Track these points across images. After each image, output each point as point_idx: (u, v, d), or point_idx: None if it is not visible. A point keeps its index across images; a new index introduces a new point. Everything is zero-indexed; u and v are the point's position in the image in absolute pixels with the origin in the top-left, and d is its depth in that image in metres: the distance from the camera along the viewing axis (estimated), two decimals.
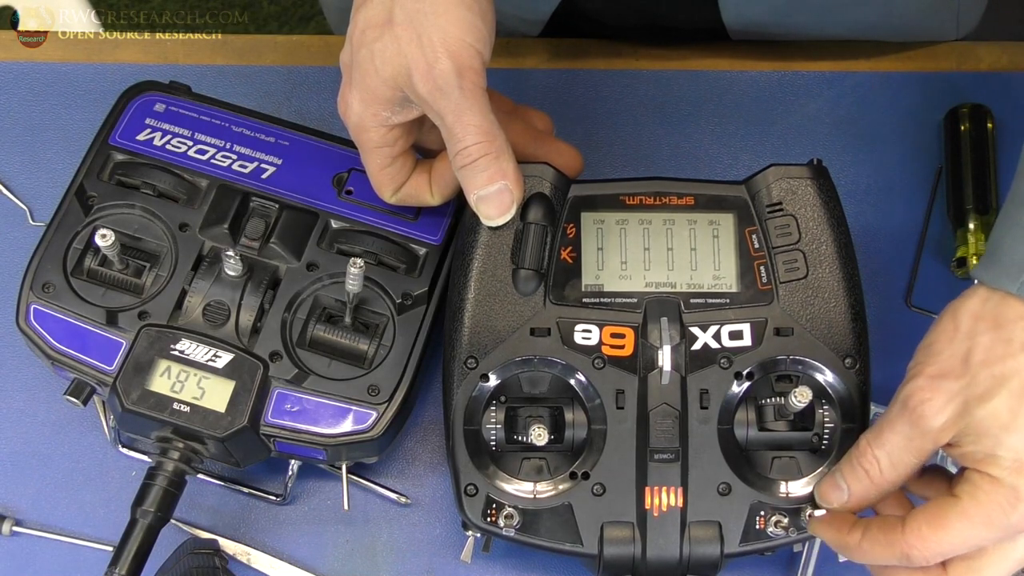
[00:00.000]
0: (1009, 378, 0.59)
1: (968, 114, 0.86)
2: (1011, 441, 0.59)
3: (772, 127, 0.89)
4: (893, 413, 0.63)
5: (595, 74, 0.91)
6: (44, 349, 0.73)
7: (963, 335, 0.61)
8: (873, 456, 0.63)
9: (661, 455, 0.69)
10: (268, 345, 0.73)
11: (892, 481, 0.63)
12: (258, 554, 0.77)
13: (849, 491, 0.65)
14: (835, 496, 0.66)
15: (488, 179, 0.68)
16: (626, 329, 0.71)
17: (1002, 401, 0.59)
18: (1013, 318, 0.60)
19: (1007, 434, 0.59)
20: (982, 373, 0.60)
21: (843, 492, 0.65)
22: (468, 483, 0.69)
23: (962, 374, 0.60)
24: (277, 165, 0.78)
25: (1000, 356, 0.59)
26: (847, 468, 0.65)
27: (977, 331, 0.60)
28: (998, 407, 0.59)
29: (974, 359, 0.60)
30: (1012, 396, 0.59)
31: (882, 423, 0.63)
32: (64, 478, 0.79)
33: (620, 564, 0.69)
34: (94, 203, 0.76)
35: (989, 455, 0.59)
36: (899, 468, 0.63)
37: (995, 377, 0.59)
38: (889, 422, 0.63)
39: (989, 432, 0.59)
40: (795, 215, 0.72)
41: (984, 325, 0.60)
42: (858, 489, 0.65)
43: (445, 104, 0.66)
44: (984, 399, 0.59)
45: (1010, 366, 0.59)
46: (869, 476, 0.64)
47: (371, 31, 0.67)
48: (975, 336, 0.60)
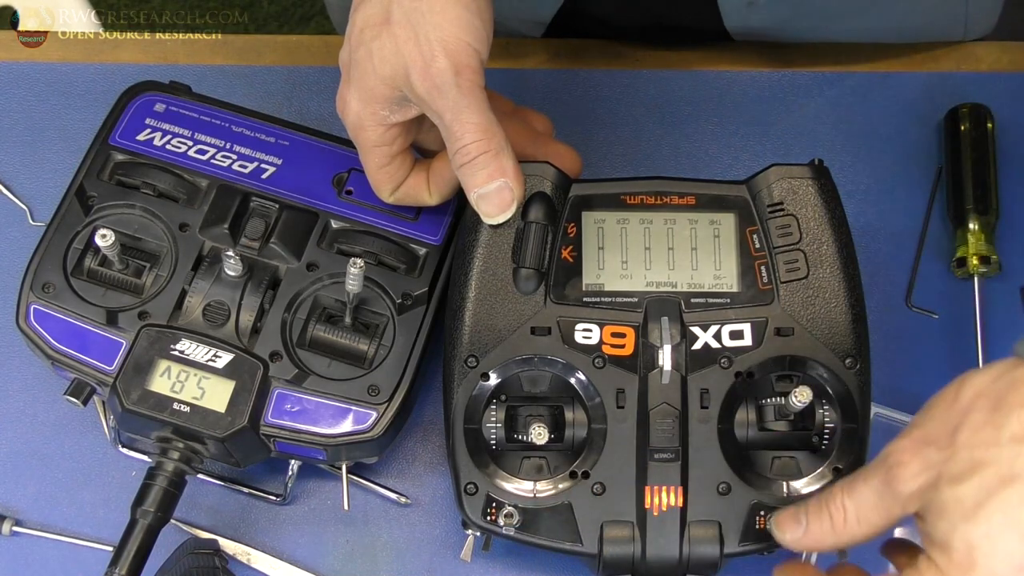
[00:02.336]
0: (987, 466, 0.55)
1: (968, 114, 0.86)
2: (967, 532, 0.55)
3: (772, 127, 0.89)
4: (871, 467, 0.60)
5: (595, 74, 0.91)
6: (44, 349, 0.73)
7: (960, 408, 0.58)
8: (842, 503, 0.61)
9: (661, 454, 0.69)
10: (268, 345, 0.73)
11: (853, 535, 0.61)
12: (258, 554, 0.77)
13: (807, 529, 0.62)
14: (791, 529, 0.63)
15: (488, 177, 0.68)
16: (627, 328, 0.71)
17: (971, 488, 0.55)
18: (1014, 404, 0.56)
19: (965, 524, 0.55)
20: (963, 453, 0.56)
21: (800, 528, 0.63)
22: (468, 482, 0.69)
23: (945, 447, 0.57)
24: (277, 165, 0.78)
25: (985, 441, 0.56)
26: (813, 506, 0.62)
27: (974, 408, 0.57)
28: (966, 493, 0.56)
29: (960, 436, 0.57)
30: (983, 486, 0.55)
31: (859, 474, 0.61)
32: (64, 478, 0.79)
33: (620, 563, 0.68)
34: (94, 203, 0.76)
35: (943, 542, 0.56)
36: (864, 524, 0.60)
37: (974, 461, 0.56)
38: (865, 475, 0.60)
39: (949, 516, 0.56)
40: (796, 215, 0.72)
41: (983, 403, 0.57)
42: (816, 530, 0.62)
43: (443, 103, 0.66)
44: (956, 481, 0.56)
45: (992, 454, 0.56)
46: (832, 521, 0.61)
47: (369, 30, 0.67)
48: (970, 412, 0.57)
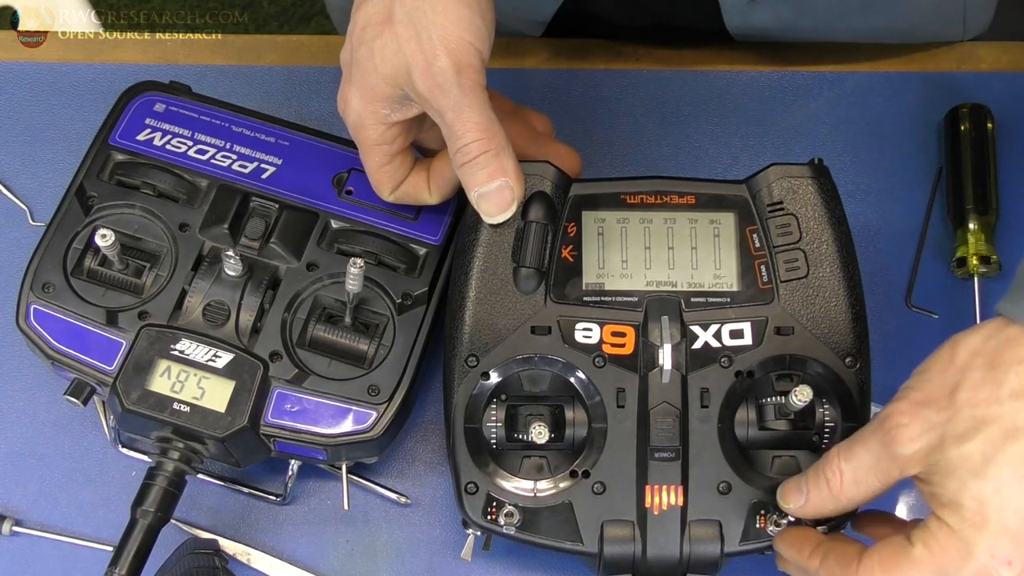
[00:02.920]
0: (990, 423, 0.57)
1: (968, 114, 0.86)
2: (977, 489, 0.57)
3: (772, 127, 0.89)
4: (868, 430, 0.61)
5: (595, 74, 0.91)
6: (44, 349, 0.73)
7: (957, 368, 0.59)
8: (838, 467, 0.62)
9: (661, 454, 0.69)
10: (268, 345, 0.73)
11: (851, 498, 0.62)
12: (258, 554, 0.77)
13: (807, 497, 0.64)
14: (794, 498, 0.65)
15: (488, 176, 0.68)
16: (627, 328, 0.71)
17: (977, 445, 0.57)
18: (1011, 360, 0.57)
19: (975, 481, 0.57)
20: (964, 412, 0.57)
21: (801, 496, 0.64)
22: (468, 481, 0.69)
23: (945, 408, 0.58)
24: (277, 165, 0.78)
25: (986, 399, 0.57)
26: (812, 473, 0.64)
27: (971, 367, 0.58)
28: (972, 451, 0.57)
29: (960, 395, 0.58)
30: (989, 442, 0.56)
31: (856, 438, 0.62)
32: (64, 478, 0.79)
33: (620, 563, 0.68)
34: (94, 203, 0.76)
35: (953, 501, 0.57)
36: (861, 487, 0.61)
37: (976, 419, 0.57)
38: (862, 438, 0.61)
39: (957, 475, 0.57)
40: (796, 214, 0.72)
41: (979, 362, 0.58)
42: (816, 497, 0.63)
43: (444, 102, 0.66)
44: (961, 440, 0.57)
45: (994, 411, 0.57)
46: (830, 487, 0.62)
47: (371, 29, 0.67)
48: (967, 371, 0.58)
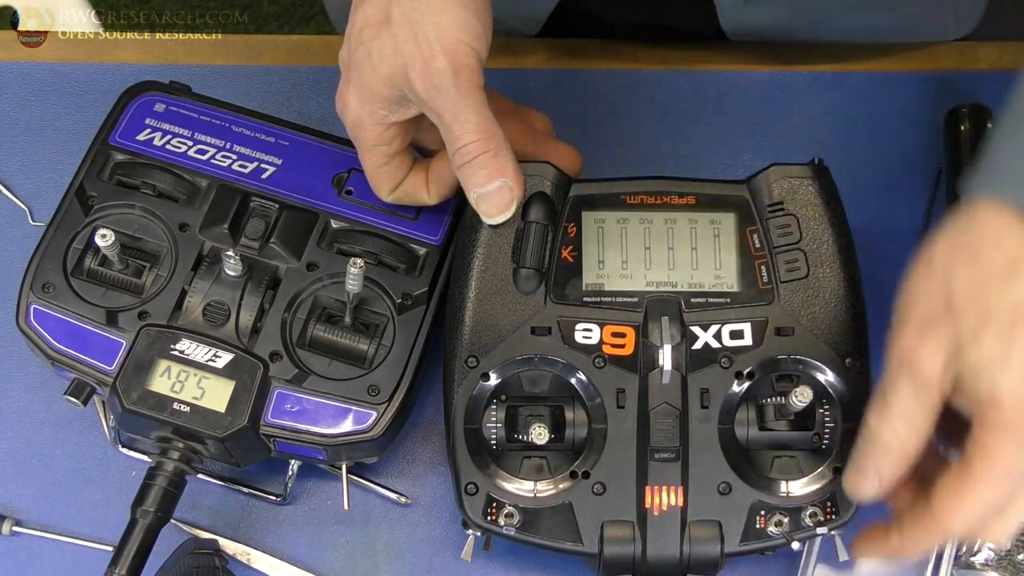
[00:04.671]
0: (995, 313, 0.57)
1: (968, 114, 0.86)
2: (1007, 380, 0.56)
3: (772, 127, 0.89)
4: (891, 378, 0.60)
5: (595, 74, 0.90)
6: (44, 349, 0.73)
7: (939, 272, 0.59)
8: (889, 428, 0.61)
9: (661, 454, 0.69)
10: (268, 345, 0.73)
11: (915, 446, 0.61)
12: (258, 554, 0.77)
13: (879, 474, 0.62)
14: (867, 484, 0.63)
15: (487, 177, 0.68)
16: (627, 328, 0.71)
17: (992, 338, 0.57)
18: (987, 243, 0.57)
19: (1003, 373, 0.56)
20: (967, 311, 0.57)
21: (873, 477, 0.62)
22: (468, 482, 0.69)
23: (947, 315, 0.58)
24: (277, 165, 0.78)
25: (981, 290, 0.57)
26: (869, 453, 0.62)
27: (952, 267, 0.58)
28: (990, 345, 0.57)
29: (956, 298, 0.58)
30: (1002, 331, 0.56)
31: (883, 393, 0.61)
32: (64, 478, 0.79)
33: (620, 563, 0.68)
34: (94, 203, 0.76)
35: (990, 399, 0.57)
36: (916, 429, 0.60)
37: (980, 314, 0.57)
38: (891, 388, 0.60)
39: (985, 373, 0.57)
40: (796, 215, 0.72)
41: (959, 259, 0.58)
42: (887, 468, 0.62)
43: (442, 102, 0.66)
44: (975, 339, 0.57)
45: (992, 299, 0.57)
46: (892, 451, 0.61)
47: (369, 30, 0.67)
48: (951, 273, 0.58)
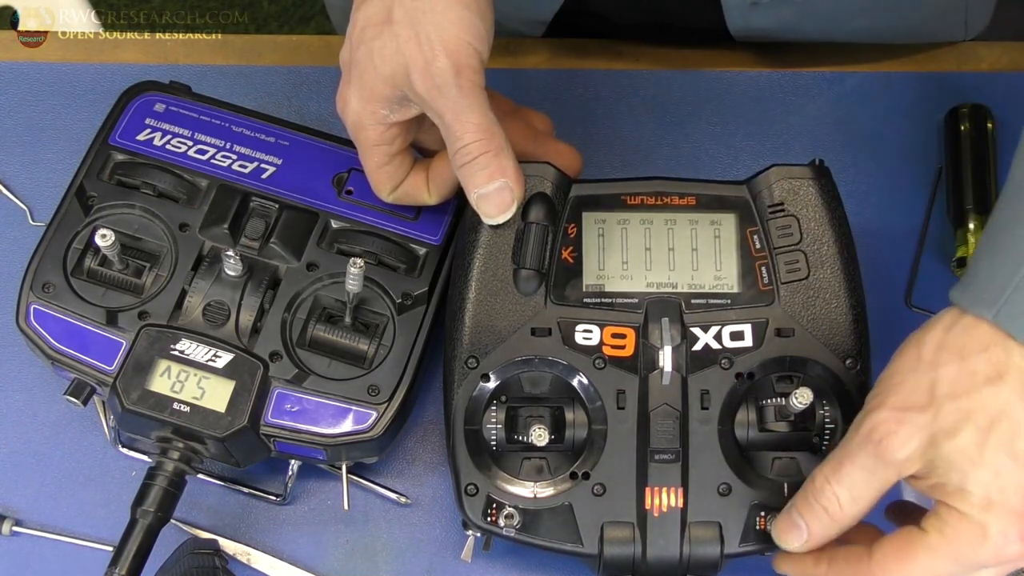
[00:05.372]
0: (975, 413, 0.58)
1: (968, 114, 0.86)
2: (979, 477, 0.58)
3: (772, 127, 0.89)
4: (853, 446, 0.61)
5: (595, 74, 0.90)
6: (44, 349, 0.73)
7: (927, 365, 0.60)
8: (833, 493, 0.62)
9: (661, 455, 0.69)
10: (268, 345, 0.73)
11: (853, 516, 0.62)
12: (258, 554, 0.77)
13: (808, 531, 0.63)
14: (794, 536, 0.64)
15: (488, 177, 0.68)
16: (627, 329, 0.71)
17: (969, 436, 0.58)
18: (977, 349, 0.58)
19: (975, 469, 0.58)
20: (948, 406, 0.58)
21: (802, 532, 0.63)
22: (468, 483, 0.69)
23: (927, 406, 0.59)
24: (277, 165, 0.78)
25: (965, 389, 0.58)
26: (804, 506, 0.63)
27: (941, 362, 0.59)
28: (965, 442, 0.58)
29: (939, 391, 0.59)
30: (978, 431, 0.58)
31: (840, 457, 0.62)
32: (64, 478, 0.79)
33: (620, 564, 0.68)
34: (94, 203, 0.76)
35: (959, 488, 0.58)
36: (860, 503, 0.61)
37: (961, 411, 0.58)
38: (849, 456, 0.61)
39: (957, 467, 0.58)
40: (797, 215, 0.72)
41: (948, 356, 0.59)
42: (818, 528, 0.63)
43: (443, 102, 0.66)
44: (951, 434, 0.58)
45: (976, 400, 0.58)
46: (829, 513, 0.62)
47: (370, 29, 0.67)
48: (939, 367, 0.59)
